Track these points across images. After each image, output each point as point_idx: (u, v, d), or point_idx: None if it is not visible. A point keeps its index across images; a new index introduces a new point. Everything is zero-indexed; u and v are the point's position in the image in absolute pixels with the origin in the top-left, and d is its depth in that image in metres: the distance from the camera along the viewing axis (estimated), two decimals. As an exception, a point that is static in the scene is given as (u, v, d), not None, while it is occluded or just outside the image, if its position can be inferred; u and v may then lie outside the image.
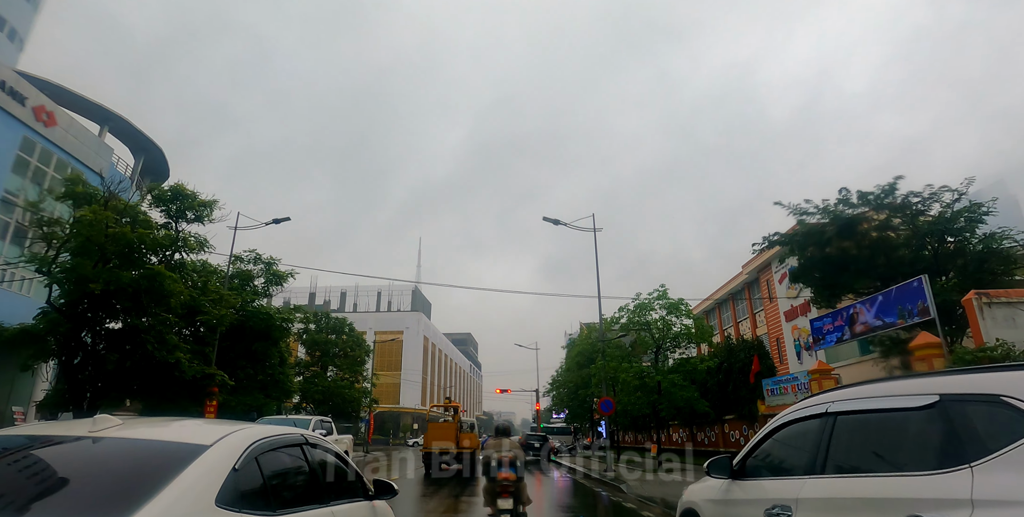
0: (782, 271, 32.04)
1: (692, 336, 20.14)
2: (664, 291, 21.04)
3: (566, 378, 35.45)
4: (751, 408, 20.25)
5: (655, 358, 21.00)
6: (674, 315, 20.57)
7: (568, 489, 17.60)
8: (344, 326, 40.73)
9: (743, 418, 20.81)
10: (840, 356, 21.72)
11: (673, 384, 19.33)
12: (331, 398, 37.17)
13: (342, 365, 39.07)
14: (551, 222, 23.57)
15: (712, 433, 24.16)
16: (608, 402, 20.88)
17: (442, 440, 21.88)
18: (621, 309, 21.64)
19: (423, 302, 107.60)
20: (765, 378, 20.29)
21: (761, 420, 19.99)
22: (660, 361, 20.98)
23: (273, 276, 25.70)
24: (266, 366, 25.15)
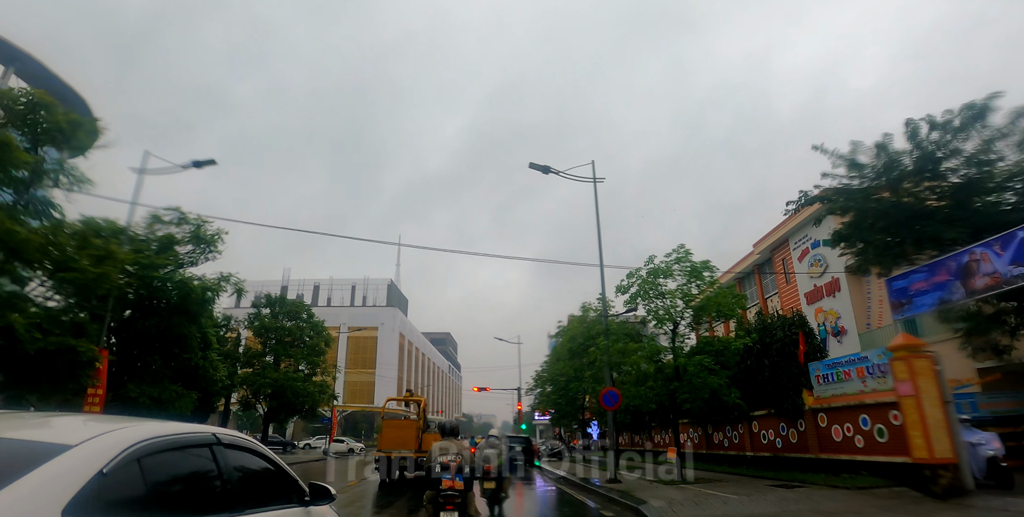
0: (803, 246, 27.85)
1: (721, 308, 15.65)
2: (685, 252, 16.55)
3: (554, 370, 30.81)
4: (794, 400, 15.80)
5: (672, 338, 16.47)
6: (697, 282, 16.06)
7: (558, 507, 12.96)
8: (302, 310, 35.71)
9: (781, 414, 16.34)
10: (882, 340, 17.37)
11: (702, 368, 14.82)
12: (282, 393, 32.13)
13: (297, 355, 34.02)
14: (540, 169, 19.03)
15: (735, 433, 19.69)
16: (613, 394, 16.34)
17: (400, 442, 17.25)
18: (630, 275, 17.10)
19: (400, 298, 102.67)
20: (811, 362, 15.88)
21: (808, 416, 15.55)
22: (678, 342, 16.43)
23: (196, 238, 20.72)
24: (184, 350, 20.17)
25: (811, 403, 15.67)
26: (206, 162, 19.24)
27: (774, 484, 13.60)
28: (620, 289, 17.19)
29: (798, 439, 16.27)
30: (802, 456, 15.87)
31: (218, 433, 2.72)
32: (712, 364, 14.83)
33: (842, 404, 14.17)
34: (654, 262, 17.02)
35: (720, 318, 16.47)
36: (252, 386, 32.37)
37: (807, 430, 15.72)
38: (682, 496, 11.91)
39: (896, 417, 12.11)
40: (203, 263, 21.49)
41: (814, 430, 15.41)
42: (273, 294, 35.84)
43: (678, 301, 16.65)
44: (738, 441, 19.83)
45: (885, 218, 16.49)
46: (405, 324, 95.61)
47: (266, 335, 34.13)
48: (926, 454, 10.98)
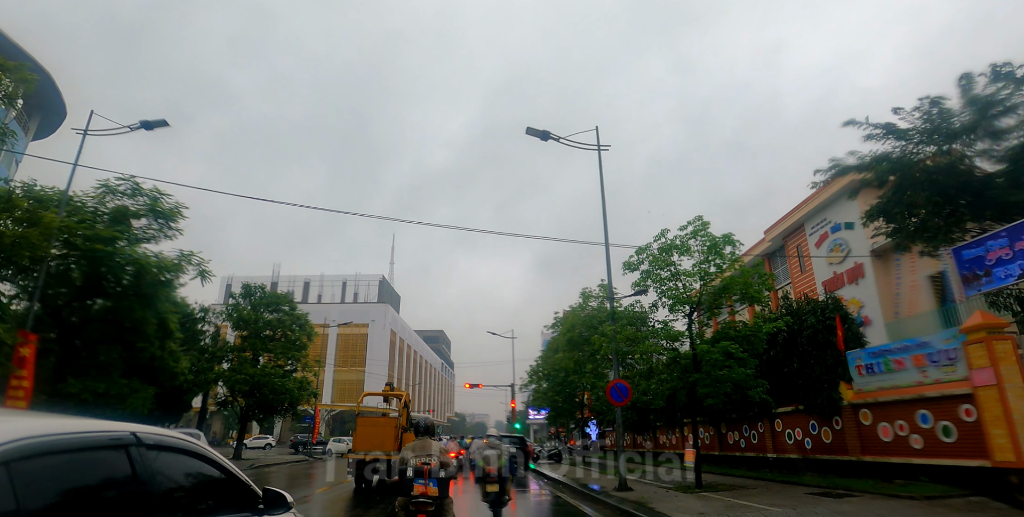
0: (821, 231, 25.82)
1: (747, 288, 13.54)
2: (703, 224, 14.43)
3: (551, 364, 28.63)
4: (829, 395, 13.72)
5: (689, 324, 14.35)
6: (717, 260, 13.94)
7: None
8: (284, 302, 33.38)
9: (812, 410, 14.27)
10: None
11: (727, 356, 12.69)
12: (259, 390, 29.84)
13: (276, 349, 31.69)
14: (538, 135, 16.90)
15: (753, 432, 17.62)
16: (622, 387, 14.21)
17: (376, 443, 15.10)
18: (640, 251, 14.95)
19: (392, 295, 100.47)
20: (850, 350, 13.82)
21: (847, 413, 13.48)
22: (695, 328, 14.30)
23: (152, 212, 18.47)
24: (138, 338, 17.91)
25: (851, 398, 13.60)
26: (157, 123, 17.02)
27: (814, 492, 11.51)
28: (628, 266, 15.03)
29: (833, 439, 14.20)
30: (838, 459, 13.81)
31: (140, 432, 2.29)
32: (739, 352, 12.72)
33: (893, 398, 12.09)
34: (666, 236, 14.90)
35: (744, 301, 14.36)
36: (228, 382, 30.07)
37: (845, 429, 13.65)
38: (711, 509, 9.79)
39: (969, 412, 10.05)
40: (162, 241, 19.26)
41: (854, 429, 13.35)
42: (254, 284, 33.43)
43: (695, 281, 14.53)
44: (757, 441, 17.74)
45: (933, 185, 14.49)
46: (397, 321, 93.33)
47: (244, 328, 31.78)
48: (1012, 457, 8.94)
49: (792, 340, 15.21)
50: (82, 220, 16.91)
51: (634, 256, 15.14)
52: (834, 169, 17.26)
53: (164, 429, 2.65)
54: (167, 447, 2.45)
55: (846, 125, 16.44)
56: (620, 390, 14.25)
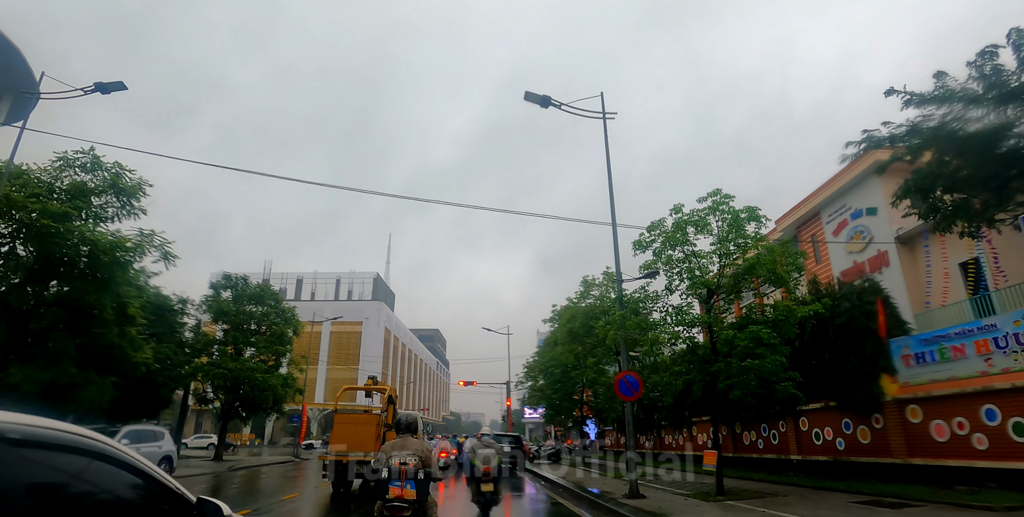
0: (840, 218, 24.18)
1: (774, 268, 11.87)
2: (725, 197, 12.75)
3: (549, 359, 26.89)
4: (868, 389, 12.07)
5: (708, 309, 12.67)
6: (740, 240, 12.28)
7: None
8: (268, 295, 31.60)
9: (847, 407, 12.62)
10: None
11: (757, 342, 10.99)
12: (240, 385, 28.07)
13: (259, 343, 29.92)
14: (537, 102, 15.21)
15: (773, 432, 15.97)
16: (631, 379, 12.52)
17: (356, 442, 13.41)
18: (651, 228, 13.26)
19: (386, 292, 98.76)
20: (893, 338, 12.18)
21: (890, 409, 11.83)
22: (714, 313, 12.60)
23: (112, 187, 16.79)
24: (92, 323, 16.16)
25: (895, 392, 11.96)
26: (113, 86, 15.24)
27: (860, 500, 9.85)
28: (638, 245, 13.33)
29: (872, 439, 12.54)
30: (878, 461, 12.16)
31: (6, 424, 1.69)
32: (771, 337, 11.04)
33: (951, 391, 10.45)
34: (682, 211, 13.22)
35: (771, 284, 12.66)
36: (206, 377, 28.31)
37: (888, 427, 12.00)
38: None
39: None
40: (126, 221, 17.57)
41: (899, 427, 11.70)
42: (236, 275, 31.60)
43: (711, 263, 12.86)
44: (778, 442, 16.07)
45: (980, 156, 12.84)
46: (391, 319, 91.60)
47: (224, 320, 29.98)
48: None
49: (822, 328, 13.54)
50: (32, 195, 15.22)
51: (645, 234, 13.46)
52: (867, 141, 15.54)
53: (53, 421, 1.94)
54: (49, 445, 1.85)
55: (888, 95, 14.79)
56: (630, 383, 12.57)
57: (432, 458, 5.31)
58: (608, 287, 20.64)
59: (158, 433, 16.46)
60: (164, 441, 16.31)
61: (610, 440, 37.41)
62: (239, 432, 66.49)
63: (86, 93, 15.33)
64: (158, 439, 16.12)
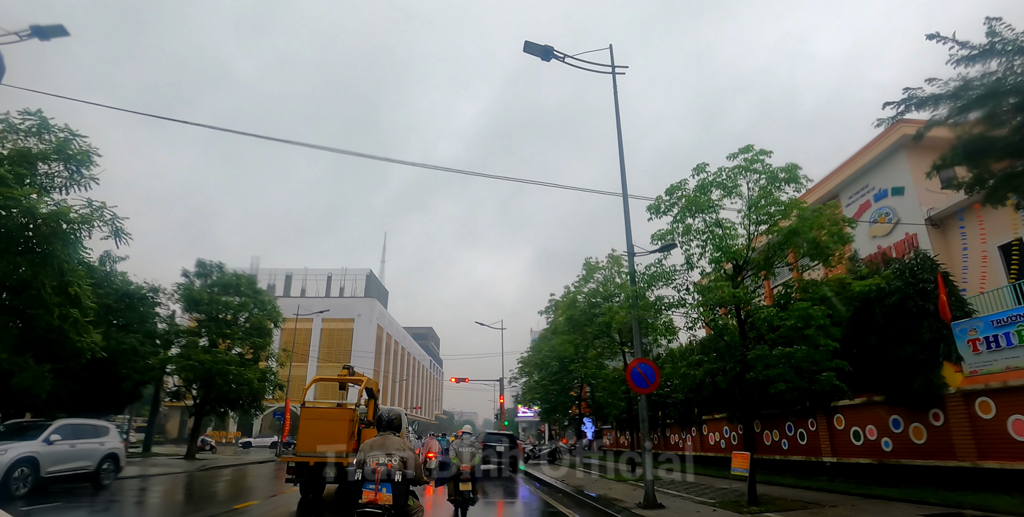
0: (862, 200, 22.35)
1: (815, 239, 10.00)
2: (760, 153, 10.86)
3: (545, 352, 24.94)
4: (927, 379, 10.19)
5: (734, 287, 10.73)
6: (772, 206, 10.40)
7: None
8: (245, 283, 29.54)
9: (897, 400, 10.76)
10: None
11: (806, 322, 9.10)
12: (212, 379, 26.01)
13: (234, 335, 27.85)
14: (537, 54, 13.26)
15: (800, 431, 14.11)
16: (647, 368, 10.62)
17: (325, 441, 11.45)
18: (670, 191, 11.36)
19: (379, 289, 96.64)
20: (956, 320, 10.33)
21: (953, 402, 9.97)
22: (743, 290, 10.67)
23: (59, 153, 14.86)
24: (28, 304, 14.14)
25: (960, 383, 10.09)
26: (52, 31, 13.20)
27: (934, 513, 7.98)
28: (654, 209, 11.44)
29: (928, 438, 10.68)
30: (938, 464, 10.30)
31: None
32: (823, 317, 9.18)
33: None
34: (706, 171, 11.32)
35: (810, 258, 10.75)
36: (176, 370, 26.27)
37: (951, 424, 10.14)
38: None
39: None
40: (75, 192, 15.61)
41: (966, 424, 9.85)
42: (211, 262, 29.47)
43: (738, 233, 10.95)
44: (806, 442, 14.19)
45: None
46: (384, 316, 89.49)
47: (197, 309, 27.88)
48: None
49: (867, 310, 11.66)
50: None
51: (663, 197, 11.55)
52: (909, 101, 13.61)
53: None
54: None
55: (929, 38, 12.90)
56: (644, 373, 10.65)
57: (415, 458, 4.80)
58: (613, 270, 18.74)
59: (100, 428, 14.43)
60: (108, 437, 14.29)
61: (608, 439, 35.55)
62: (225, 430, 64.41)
63: (22, 39, 13.33)
64: (100, 435, 14.11)
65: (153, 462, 24.04)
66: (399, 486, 4.52)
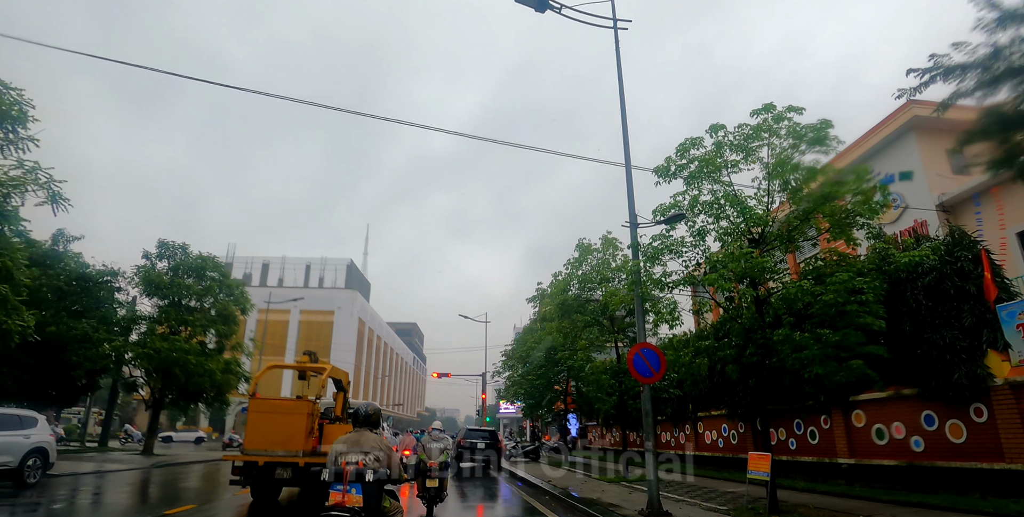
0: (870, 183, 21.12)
1: (853, 200, 8.68)
2: (786, 109, 9.46)
3: (532, 342, 23.45)
4: (971, 370, 8.89)
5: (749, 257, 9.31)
6: (795, 172, 9.03)
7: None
8: (210, 267, 27.60)
9: (931, 395, 9.47)
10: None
11: (847, 296, 7.75)
12: (170, 369, 24.12)
13: (197, 322, 25.93)
14: (531, 5, 11.71)
15: (811, 429, 12.84)
16: (652, 355, 9.22)
17: (279, 439, 9.90)
18: (682, 150, 9.92)
19: (361, 281, 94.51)
20: (1003, 304, 9.02)
21: (1001, 396, 8.70)
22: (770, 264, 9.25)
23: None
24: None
25: (1008, 373, 8.79)
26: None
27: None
28: (661, 172, 9.99)
29: (968, 437, 9.37)
30: (981, 467, 8.99)
31: None
32: (870, 290, 7.85)
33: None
34: (725, 130, 9.89)
35: (840, 227, 9.38)
36: (132, 359, 24.38)
37: (999, 421, 8.84)
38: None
39: None
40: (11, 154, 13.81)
41: (1018, 421, 8.55)
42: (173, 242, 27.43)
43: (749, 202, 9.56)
44: (818, 441, 12.87)
45: None
46: (366, 310, 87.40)
47: (157, 294, 25.90)
48: None
49: (898, 293, 10.33)
50: None
51: (673, 158, 10.11)
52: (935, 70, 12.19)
53: None
54: None
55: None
56: (648, 359, 9.23)
57: (394, 456, 4.51)
58: (609, 253, 17.29)
59: (27, 419, 12.66)
60: (36, 429, 12.53)
61: (593, 436, 34.21)
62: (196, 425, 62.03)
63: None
64: (26, 426, 12.35)
65: (106, 457, 22.18)
66: (371, 487, 4.14)
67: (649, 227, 10.66)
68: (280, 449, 9.66)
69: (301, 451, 9.66)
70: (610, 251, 17.28)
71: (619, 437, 28.64)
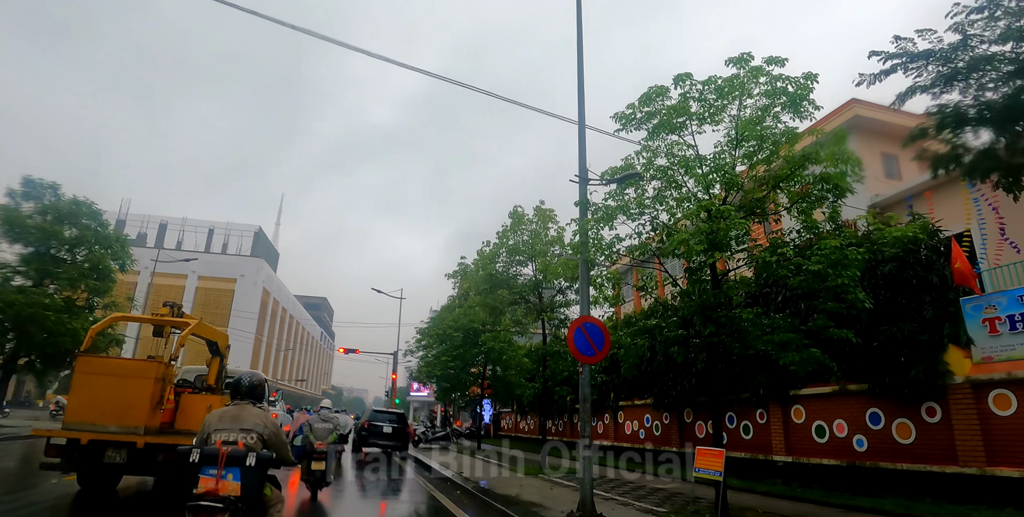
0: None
1: (828, 168, 7.71)
2: (767, 61, 8.33)
3: (449, 322, 21.78)
4: (930, 365, 8.22)
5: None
6: (790, 111, 7.97)
7: None
8: (86, 213, 23.75)
9: (883, 392, 8.83)
10: None
11: (836, 269, 6.73)
12: (24, 326, 20.49)
13: (65, 275, 22.24)
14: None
15: (744, 423, 12.13)
16: (595, 330, 7.94)
17: (110, 411, 7.63)
18: (645, 100, 8.59)
19: (269, 250, 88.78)
20: (966, 297, 8.42)
21: (958, 394, 8.15)
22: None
23: None
24: None
25: (969, 371, 8.18)
26: None
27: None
28: (621, 118, 8.70)
29: (917, 437, 8.77)
30: (930, 470, 8.38)
31: None
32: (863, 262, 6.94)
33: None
34: (691, 79, 8.65)
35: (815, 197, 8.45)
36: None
37: (954, 421, 8.23)
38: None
39: None
40: None
41: (975, 422, 7.96)
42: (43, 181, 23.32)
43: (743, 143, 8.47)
44: (752, 436, 12.18)
45: None
46: (272, 280, 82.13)
47: (20, 239, 21.95)
48: None
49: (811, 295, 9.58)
50: None
51: (636, 106, 8.78)
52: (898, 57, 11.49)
53: None
54: None
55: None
56: (591, 335, 7.90)
57: (280, 436, 3.80)
58: (542, 225, 15.90)
59: None
60: None
61: (507, 424, 33.25)
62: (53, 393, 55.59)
63: None
64: None
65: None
66: (252, 472, 3.46)
67: (599, 186, 9.30)
68: (113, 424, 7.38)
69: (143, 427, 7.43)
70: (545, 223, 15.92)
71: (535, 425, 27.74)
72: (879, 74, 11.90)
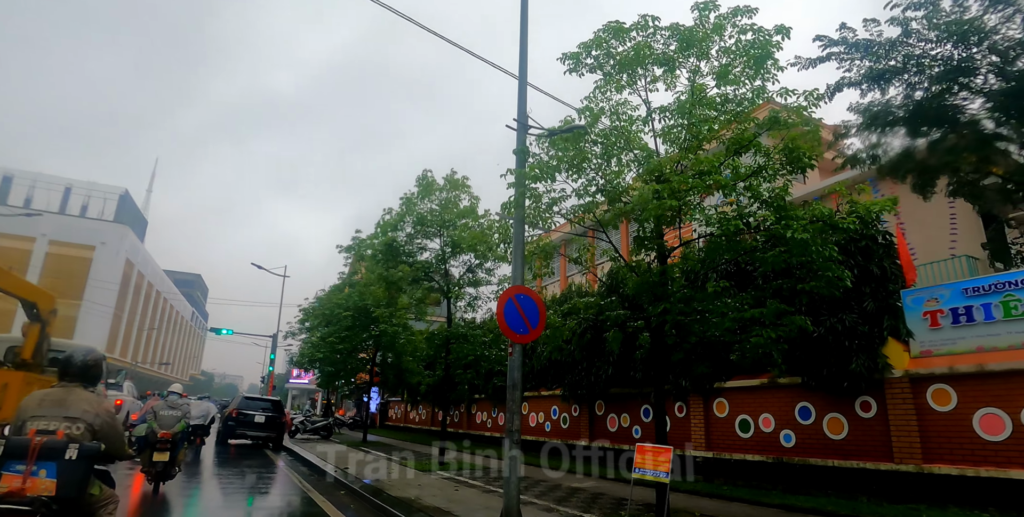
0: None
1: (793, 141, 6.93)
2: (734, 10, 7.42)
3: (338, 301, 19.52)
4: (869, 358, 7.79)
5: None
6: (759, 74, 7.12)
7: None
8: None
9: (818, 385, 8.37)
10: None
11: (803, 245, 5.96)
12: None
13: None
14: None
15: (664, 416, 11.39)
16: (528, 302, 6.66)
17: None
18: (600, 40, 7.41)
19: (136, 217, 79.25)
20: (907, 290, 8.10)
21: (896, 389, 7.82)
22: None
23: None
24: None
25: (908, 365, 7.80)
26: None
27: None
28: (572, 58, 7.53)
29: (849, 433, 8.35)
30: (864, 467, 7.95)
31: None
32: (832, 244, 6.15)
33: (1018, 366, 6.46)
34: (654, 25, 7.60)
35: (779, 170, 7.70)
36: None
37: (891, 416, 7.84)
38: None
39: None
40: None
41: (913, 418, 7.60)
42: None
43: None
44: (669, 430, 11.43)
45: None
46: (138, 250, 73.41)
47: None
48: None
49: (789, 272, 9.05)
50: None
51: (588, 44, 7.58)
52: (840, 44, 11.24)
53: None
54: None
55: None
56: (524, 309, 6.60)
57: (114, 425, 3.24)
58: (454, 194, 14.33)
59: None
60: None
61: (395, 413, 31.38)
62: None
63: None
64: None
65: None
66: (73, 466, 2.94)
67: (540, 134, 7.99)
68: None
69: None
70: (458, 192, 14.38)
71: (428, 415, 26.08)
72: (816, 60, 11.64)
